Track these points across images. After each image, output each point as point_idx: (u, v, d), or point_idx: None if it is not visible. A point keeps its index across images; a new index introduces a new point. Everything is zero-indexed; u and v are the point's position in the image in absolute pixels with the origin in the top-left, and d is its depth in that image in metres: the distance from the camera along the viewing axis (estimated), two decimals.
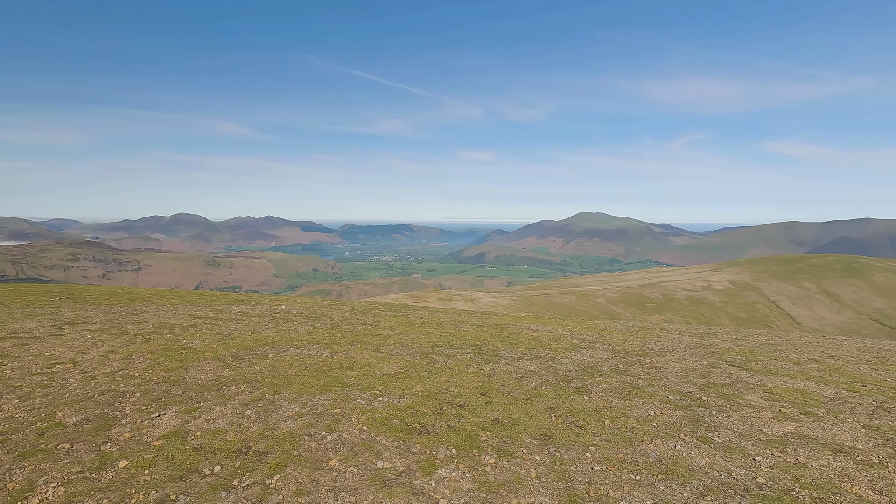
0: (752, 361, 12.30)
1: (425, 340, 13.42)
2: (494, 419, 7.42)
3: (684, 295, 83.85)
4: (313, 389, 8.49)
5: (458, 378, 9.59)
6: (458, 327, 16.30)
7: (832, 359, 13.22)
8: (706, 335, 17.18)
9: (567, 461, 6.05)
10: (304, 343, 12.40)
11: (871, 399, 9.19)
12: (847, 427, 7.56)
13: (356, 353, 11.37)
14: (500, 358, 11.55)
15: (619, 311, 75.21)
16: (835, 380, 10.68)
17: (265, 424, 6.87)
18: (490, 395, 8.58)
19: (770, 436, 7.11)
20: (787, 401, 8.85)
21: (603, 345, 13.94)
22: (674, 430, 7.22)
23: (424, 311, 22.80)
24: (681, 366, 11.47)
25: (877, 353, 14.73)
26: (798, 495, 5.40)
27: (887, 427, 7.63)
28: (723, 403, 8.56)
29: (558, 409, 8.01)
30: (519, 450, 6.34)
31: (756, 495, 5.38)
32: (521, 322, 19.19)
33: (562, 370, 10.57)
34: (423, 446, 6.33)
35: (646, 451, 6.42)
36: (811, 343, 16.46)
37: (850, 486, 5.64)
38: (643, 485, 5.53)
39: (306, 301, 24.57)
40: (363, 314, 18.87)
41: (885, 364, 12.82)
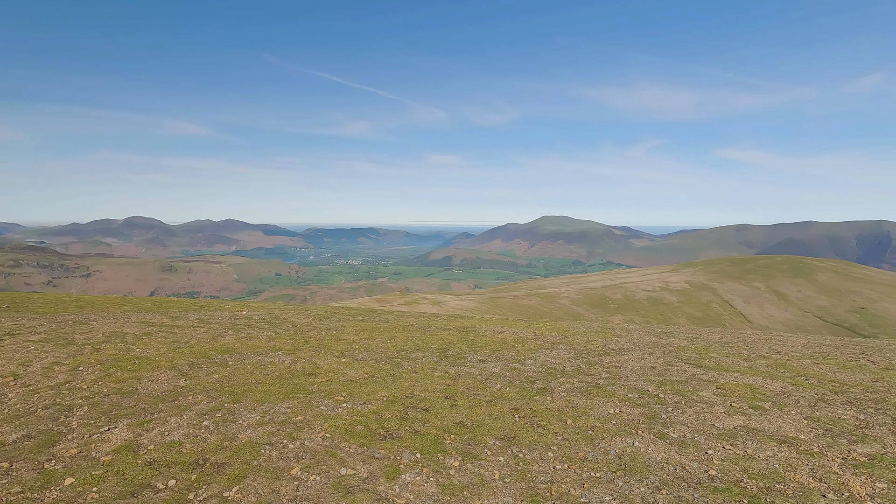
0: (706, 359, 12.83)
1: (391, 345, 13.35)
2: (459, 422, 7.45)
3: (644, 295, 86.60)
4: (275, 397, 8.29)
5: (423, 382, 9.59)
6: (424, 331, 16.29)
7: (779, 355, 13.94)
8: (664, 334, 17.80)
9: (530, 461, 6.15)
10: (266, 350, 12.10)
11: (813, 392, 9.75)
12: (791, 419, 8.00)
13: (320, 360, 11.18)
14: (465, 361, 11.62)
15: (582, 311, 76.91)
16: (781, 374, 11.27)
17: (224, 435, 6.66)
18: (455, 398, 8.61)
19: (721, 430, 7.44)
20: (738, 396, 9.28)
21: (566, 345, 14.24)
22: (632, 427, 7.46)
23: (390, 315, 22.66)
24: (639, 364, 11.84)
25: (818, 348, 15.64)
26: (746, 485, 5.67)
27: (827, 418, 8.12)
28: (678, 400, 8.89)
29: (522, 410, 8.13)
30: (483, 451, 6.39)
31: (708, 487, 5.62)
32: (487, 324, 19.35)
33: (526, 371, 10.73)
34: (388, 451, 6.29)
35: (606, 449, 6.60)
36: (760, 340, 17.31)
37: (793, 475, 5.97)
38: (603, 481, 5.68)
39: (269, 307, 23.98)
40: (327, 319, 18.58)
41: (825, 358, 13.62)
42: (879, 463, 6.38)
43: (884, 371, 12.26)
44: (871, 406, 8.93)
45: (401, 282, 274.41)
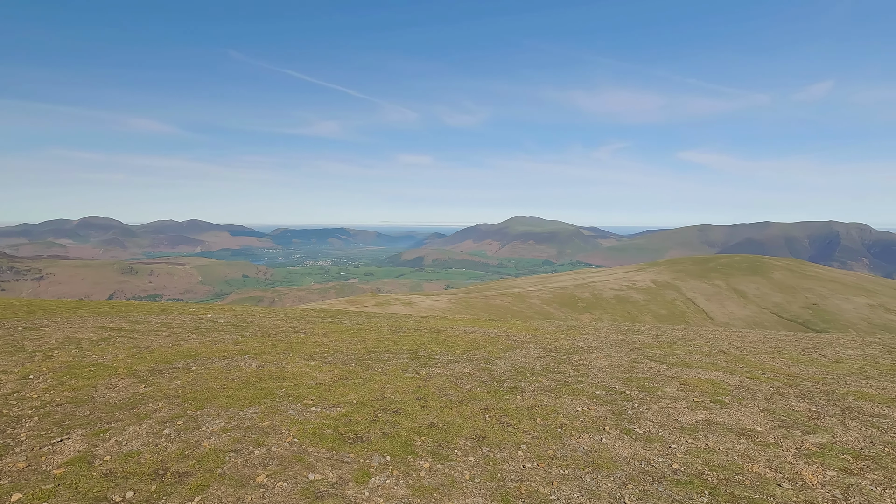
0: (670, 355, 13.21)
1: (361, 347, 13.21)
2: (430, 423, 7.43)
3: (611, 294, 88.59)
4: (241, 402, 8.07)
5: (393, 384, 9.52)
6: (395, 332, 16.19)
7: (738, 350, 14.49)
8: (630, 332, 18.24)
9: (500, 460, 6.18)
10: (232, 354, 11.77)
11: (769, 385, 10.17)
12: (749, 412, 8.32)
13: (288, 363, 10.96)
14: (436, 361, 11.60)
15: (552, 311, 78.06)
16: (740, 369, 11.70)
17: (186, 443, 6.43)
18: (426, 400, 8.58)
19: (684, 424, 7.67)
20: (700, 391, 9.59)
21: (536, 344, 14.41)
22: (600, 423, 7.60)
23: (361, 317, 22.43)
24: (607, 362, 12.09)
25: (774, 343, 16.34)
26: (707, 477, 5.86)
27: (782, 410, 8.48)
28: (644, 396, 9.12)
29: (492, 409, 8.17)
30: (453, 452, 6.39)
31: (671, 480, 5.78)
32: (458, 325, 19.39)
33: (496, 371, 10.79)
34: (357, 455, 6.21)
35: (574, 446, 6.70)
36: (721, 336, 17.94)
37: (750, 466, 6.20)
38: (571, 478, 5.76)
39: (235, 309, 23.35)
40: (296, 321, 18.24)
41: (780, 353, 14.23)
42: (830, 452, 6.70)
43: (834, 364, 12.90)
44: (823, 398, 9.37)
45: (372, 283, 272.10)
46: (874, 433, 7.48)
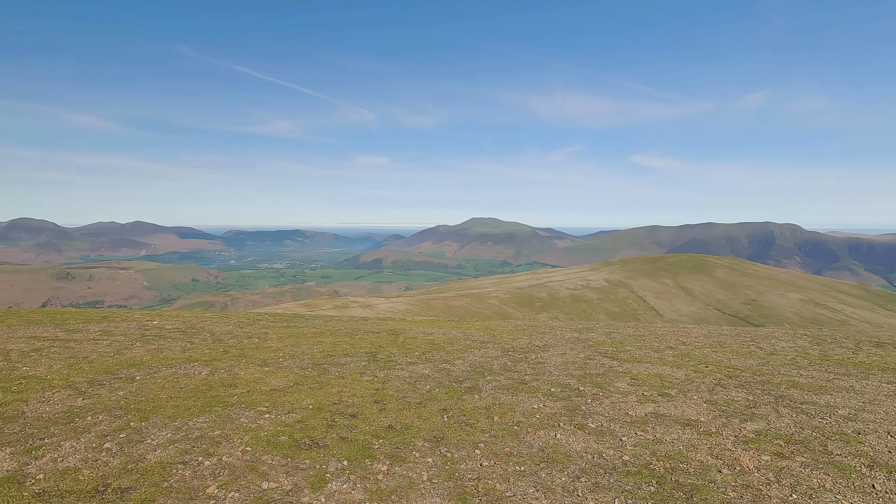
0: (622, 352, 13.71)
1: (318, 351, 12.96)
2: (388, 426, 7.39)
3: (567, 293, 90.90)
4: (189, 412, 7.74)
5: (351, 387, 9.40)
6: (353, 335, 15.99)
7: (684, 345, 15.22)
8: (584, 330, 18.80)
9: (458, 460, 6.23)
10: (180, 361, 11.27)
11: (712, 378, 10.75)
12: (693, 404, 8.76)
13: (240, 369, 10.60)
14: (395, 364, 11.54)
15: (510, 310, 79.23)
16: (685, 363, 12.30)
17: (129, 456, 6.10)
18: (384, 402, 8.53)
19: (634, 417, 7.99)
20: (649, 385, 10.01)
21: (494, 344, 14.60)
22: (555, 420, 7.80)
23: (318, 321, 22.00)
24: (562, 360, 12.41)
25: (717, 337, 17.27)
26: (654, 467, 6.13)
27: (723, 401, 8.99)
28: (597, 392, 9.43)
29: (451, 409, 8.22)
30: (412, 454, 6.38)
31: (622, 472, 6.01)
32: (417, 326, 19.37)
33: (454, 371, 10.86)
34: (313, 461, 6.09)
35: (530, 443, 6.84)
36: (668, 332, 18.79)
37: (694, 454, 6.54)
38: (527, 474, 5.88)
39: (184, 315, 22.34)
40: (249, 326, 17.68)
41: (722, 347, 15.06)
42: (764, 438, 7.16)
43: (769, 356, 13.79)
44: (759, 388, 10.00)
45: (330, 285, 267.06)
46: (803, 419, 8.06)
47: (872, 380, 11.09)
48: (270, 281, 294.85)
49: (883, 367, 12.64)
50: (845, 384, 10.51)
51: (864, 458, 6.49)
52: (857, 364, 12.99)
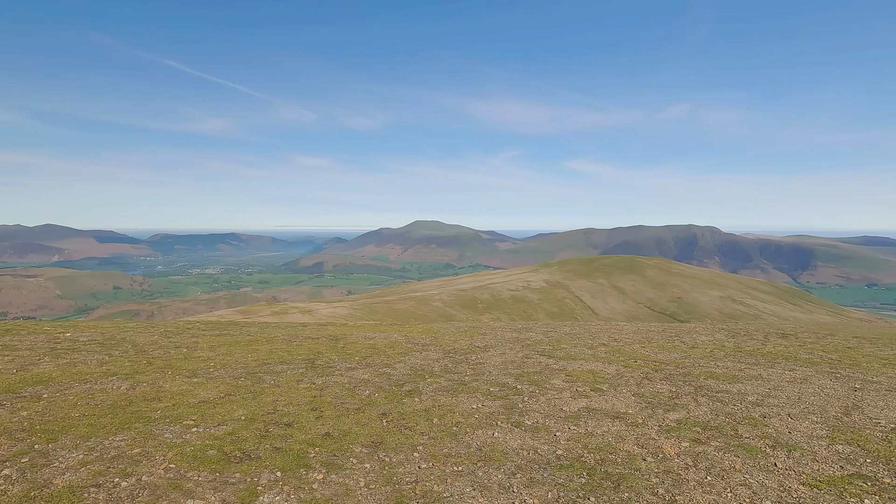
0: (558, 350, 14.21)
1: (252, 359, 12.42)
2: (325, 433, 7.21)
3: (509, 294, 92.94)
4: (105, 430, 7.16)
5: (287, 396, 9.09)
6: (291, 342, 15.48)
7: (615, 342, 16.00)
8: (523, 329, 19.30)
9: (396, 464, 6.19)
10: (96, 376, 10.40)
11: (640, 372, 11.38)
12: (622, 397, 9.24)
13: (166, 382, 9.95)
14: (333, 370, 11.30)
15: (454, 312, 79.86)
16: (616, 359, 12.94)
17: (32, 483, 5.55)
18: (321, 409, 8.32)
19: (568, 412, 8.30)
20: (582, 381, 10.44)
21: (435, 347, 14.65)
22: (493, 419, 7.95)
23: (254, 328, 21.10)
24: (501, 359, 12.67)
25: (645, 334, 18.31)
26: (586, 459, 6.41)
27: (649, 393, 9.54)
28: (533, 389, 9.71)
29: (390, 414, 8.16)
30: (349, 461, 6.27)
31: (555, 465, 6.23)
32: (359, 331, 19.07)
33: (395, 375, 10.79)
34: (244, 474, 5.83)
35: (468, 443, 6.93)
36: (602, 330, 19.69)
37: (622, 445, 6.89)
38: (464, 474, 5.95)
39: (103, 325, 20.65)
40: (177, 336, 16.63)
41: (650, 343, 15.98)
42: (684, 426, 7.68)
43: (690, 349, 14.79)
44: (681, 379, 10.71)
45: (267, 291, 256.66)
46: (718, 406, 8.72)
47: (777, 368, 12.20)
48: (203, 287, 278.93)
49: (786, 357, 13.95)
50: (754, 373, 11.49)
51: (769, 440, 7.13)
52: (765, 354, 14.25)
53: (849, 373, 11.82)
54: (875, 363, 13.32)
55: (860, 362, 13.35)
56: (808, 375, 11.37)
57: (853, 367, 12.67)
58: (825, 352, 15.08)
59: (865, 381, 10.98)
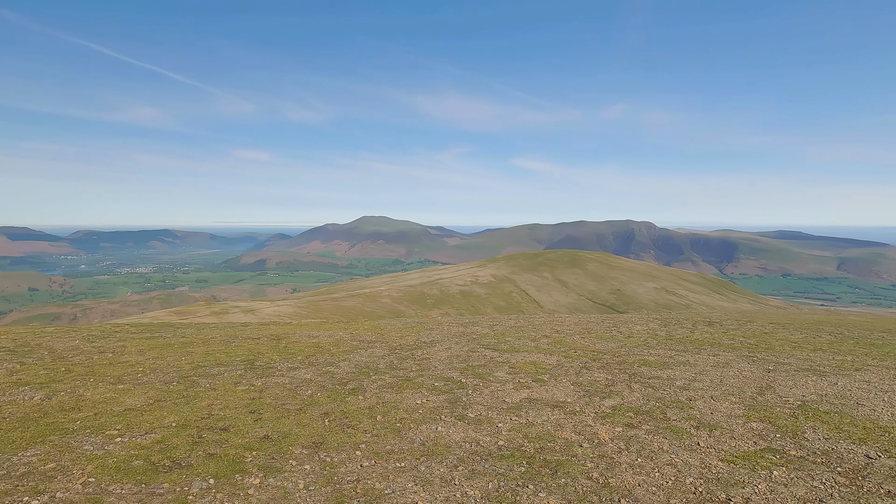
0: (503, 343, 14.49)
1: (186, 362, 11.79)
2: (264, 436, 6.97)
3: (457, 290, 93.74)
4: (14, 445, 6.55)
5: (223, 399, 8.70)
6: (229, 343, 14.83)
7: (557, 333, 16.53)
8: (470, 324, 19.54)
9: (337, 464, 6.09)
10: (5, 387, 9.49)
11: (579, 362, 11.82)
12: (562, 386, 9.56)
13: (87, 390, 9.24)
14: (274, 370, 10.94)
15: (403, 309, 79.53)
16: (557, 350, 13.37)
17: None
18: (260, 412, 8.03)
19: (510, 404, 8.49)
20: (525, 372, 10.71)
21: (381, 343, 14.53)
22: (437, 413, 7.99)
23: (190, 329, 20.04)
24: (447, 354, 12.76)
25: (585, 325, 19.03)
26: (526, 449, 6.58)
27: (587, 382, 9.93)
28: (477, 383, 9.85)
29: (333, 413, 8.01)
30: (288, 463, 6.09)
31: (497, 456, 6.35)
32: (303, 329, 18.58)
33: (339, 374, 10.61)
34: (174, 484, 5.52)
35: (412, 438, 6.93)
36: (545, 322, 20.28)
37: (560, 433, 7.14)
38: (407, 470, 5.95)
39: (15, 331, 18.86)
40: (102, 340, 15.50)
41: (589, 333, 16.63)
42: (618, 411, 8.07)
43: (626, 339, 15.53)
44: (617, 367, 11.23)
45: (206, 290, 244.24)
46: (650, 392, 9.22)
47: (703, 354, 13.07)
48: (133, 287, 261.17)
49: (711, 343, 14.97)
50: (683, 359, 12.25)
51: (693, 421, 7.63)
52: (693, 341, 15.22)
53: (764, 356, 12.87)
54: (786, 346, 14.58)
55: (774, 346, 14.57)
56: (729, 360, 12.27)
57: (768, 350, 13.81)
58: (745, 337, 16.32)
59: (778, 363, 12.00)
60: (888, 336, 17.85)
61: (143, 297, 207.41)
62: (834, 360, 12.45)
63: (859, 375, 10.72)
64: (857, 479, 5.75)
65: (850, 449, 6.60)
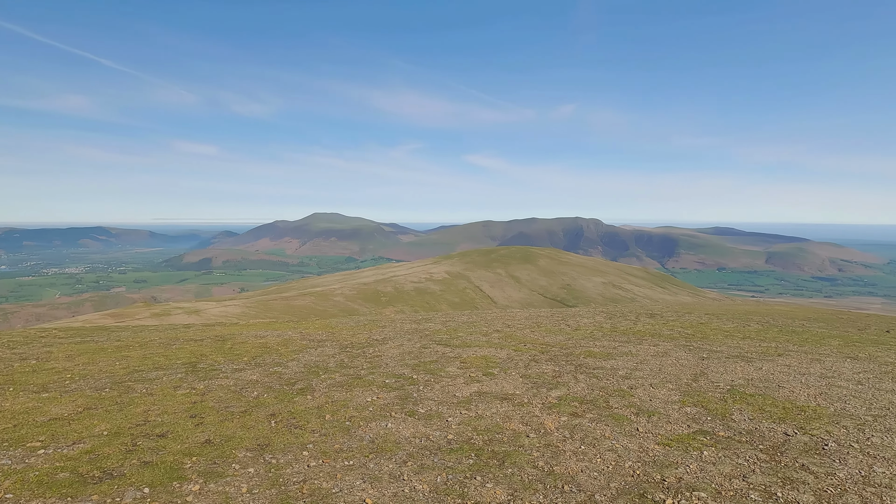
0: (455, 338, 14.61)
1: (121, 367, 11.12)
2: (205, 441, 6.69)
3: (412, 287, 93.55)
4: None
5: (161, 404, 8.28)
6: (170, 345, 14.12)
7: (508, 328, 16.84)
8: (423, 321, 19.56)
9: (283, 465, 5.95)
10: None
11: (528, 355, 12.11)
12: (511, 379, 9.76)
13: (5, 400, 8.53)
14: (218, 372, 10.52)
15: (356, 307, 78.48)
16: (508, 344, 13.63)
17: None
18: (202, 416, 7.71)
19: (460, 398, 8.58)
20: (476, 367, 10.85)
21: (332, 342, 14.29)
22: (387, 410, 7.96)
23: (126, 332, 18.92)
24: (399, 351, 12.73)
25: (535, 319, 19.50)
26: (475, 441, 6.68)
27: (535, 374, 10.19)
28: (429, 378, 9.89)
29: (280, 414, 7.81)
30: (231, 467, 5.89)
31: (446, 450, 6.41)
32: (250, 330, 17.96)
33: (287, 374, 10.34)
34: (104, 496, 5.20)
35: (361, 436, 6.87)
36: (497, 317, 20.61)
37: (508, 424, 7.30)
38: (355, 468, 5.89)
39: None
40: (25, 346, 14.35)
41: (539, 327, 17.06)
42: (564, 401, 8.34)
43: (574, 332, 16.04)
44: (564, 359, 11.59)
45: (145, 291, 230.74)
46: (594, 382, 9.59)
47: (644, 344, 13.72)
48: (63, 289, 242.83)
49: (652, 334, 15.73)
50: (626, 350, 12.81)
51: (633, 408, 8.01)
52: (635, 332, 15.94)
53: (699, 345, 13.68)
54: (720, 335, 15.56)
55: (709, 335, 15.51)
56: (668, 349, 12.95)
57: (703, 339, 14.68)
58: (683, 328, 17.28)
59: (711, 351, 12.79)
60: (807, 324, 19.43)
61: (74, 299, 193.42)
62: (760, 347, 13.42)
63: (781, 360, 11.61)
64: (776, 454, 6.24)
65: (771, 428, 7.15)
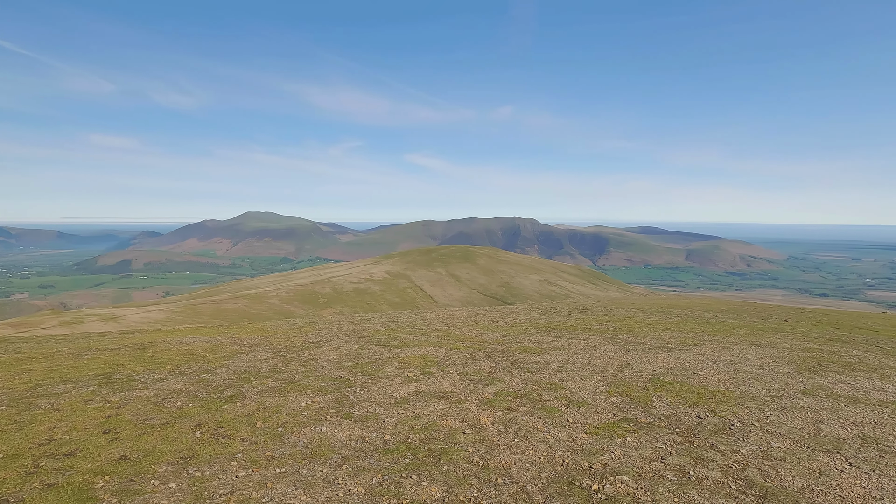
0: (394, 338, 14.53)
1: (21, 381, 10.07)
2: (120, 457, 6.21)
3: (351, 287, 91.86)
4: None
5: (69, 420, 7.59)
6: (80, 356, 12.97)
7: (447, 326, 16.98)
8: (362, 321, 19.28)
9: (209, 477, 5.65)
10: None
11: (466, 353, 12.28)
12: (449, 377, 9.86)
13: None
14: (137, 383, 9.79)
15: (293, 309, 75.87)
16: (446, 342, 13.75)
17: None
18: (117, 430, 7.15)
19: (398, 398, 8.56)
20: (414, 366, 10.85)
21: (265, 346, 13.74)
22: (322, 414, 7.78)
23: (29, 343, 17.17)
24: (335, 353, 12.47)
25: (474, 317, 19.80)
26: (411, 441, 6.69)
27: (472, 372, 10.36)
28: (366, 380, 9.77)
29: (206, 423, 7.40)
30: (150, 483, 5.51)
31: (382, 451, 6.37)
32: (174, 336, 16.87)
33: (215, 381, 9.83)
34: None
35: (294, 442, 6.67)
36: (437, 316, 20.72)
37: (445, 422, 7.37)
38: (287, 475, 5.71)
39: None
40: None
41: (477, 324, 17.34)
42: (499, 397, 8.54)
43: (510, 328, 16.46)
44: (500, 356, 11.87)
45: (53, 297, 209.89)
46: (528, 376, 9.90)
47: (576, 338, 14.34)
48: None
49: (583, 328, 16.47)
50: (558, 344, 13.33)
51: (564, 400, 8.36)
52: (568, 327, 16.62)
53: (626, 337, 14.50)
54: (644, 328, 16.58)
55: (634, 328, 16.47)
56: (597, 343, 13.62)
57: (629, 332, 15.58)
58: (611, 322, 18.24)
59: (636, 343, 13.60)
60: (720, 315, 21.17)
61: None
62: (679, 338, 14.45)
63: (697, 350, 12.57)
64: (690, 436, 6.75)
65: (686, 412, 7.73)
